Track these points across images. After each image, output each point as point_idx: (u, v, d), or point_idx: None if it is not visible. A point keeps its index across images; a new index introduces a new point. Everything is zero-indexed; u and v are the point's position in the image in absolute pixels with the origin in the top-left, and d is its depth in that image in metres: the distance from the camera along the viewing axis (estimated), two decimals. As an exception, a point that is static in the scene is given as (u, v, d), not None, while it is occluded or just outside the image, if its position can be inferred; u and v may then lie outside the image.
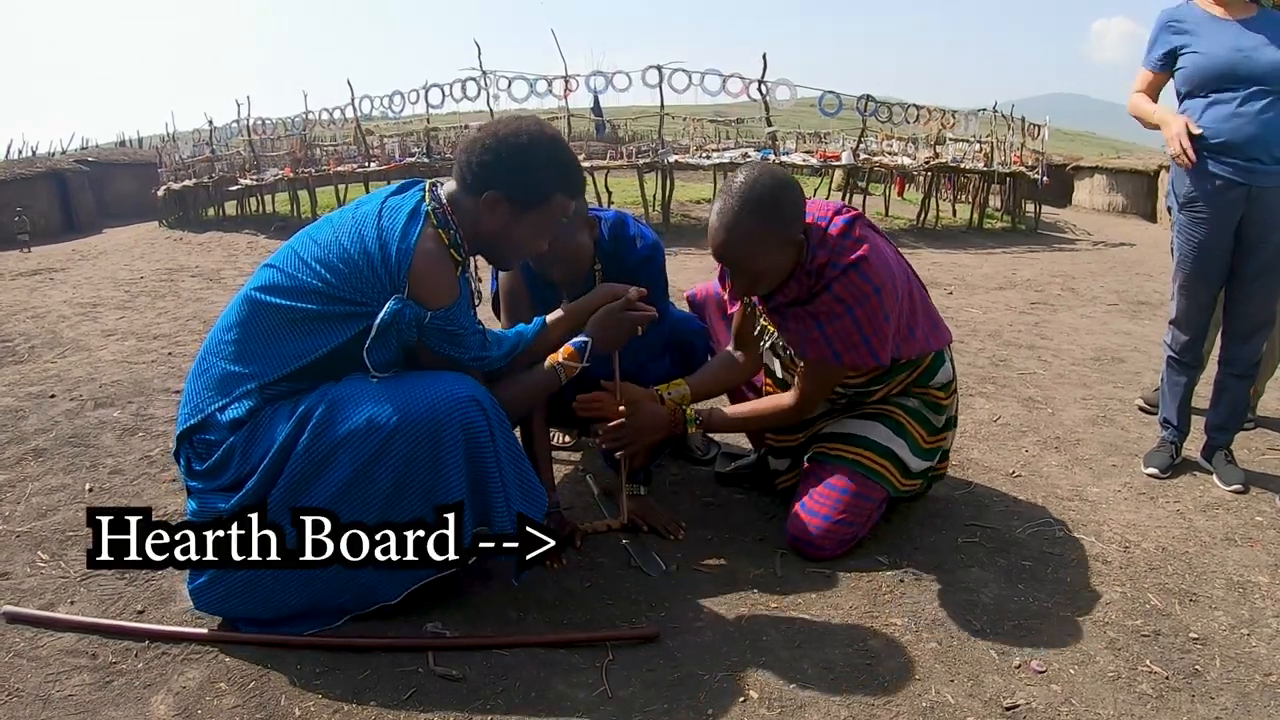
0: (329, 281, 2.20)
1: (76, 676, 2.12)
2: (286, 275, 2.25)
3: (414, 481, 2.16)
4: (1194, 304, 3.43)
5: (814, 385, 2.73)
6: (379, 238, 2.21)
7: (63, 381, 4.49)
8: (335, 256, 2.22)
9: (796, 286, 2.58)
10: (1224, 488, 3.37)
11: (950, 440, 3.03)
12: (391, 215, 2.26)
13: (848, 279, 2.50)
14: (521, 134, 2.29)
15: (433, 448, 2.15)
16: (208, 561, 2.18)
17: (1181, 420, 3.61)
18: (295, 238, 2.38)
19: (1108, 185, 18.22)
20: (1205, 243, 3.29)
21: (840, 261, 2.51)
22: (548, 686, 2.12)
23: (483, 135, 2.32)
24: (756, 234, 2.43)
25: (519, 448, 2.34)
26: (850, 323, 2.53)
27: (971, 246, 11.35)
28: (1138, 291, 8.17)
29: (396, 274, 2.19)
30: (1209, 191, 3.22)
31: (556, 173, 2.32)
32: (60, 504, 3.06)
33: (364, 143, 13.14)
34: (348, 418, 2.13)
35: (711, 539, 2.92)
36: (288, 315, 2.22)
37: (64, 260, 9.58)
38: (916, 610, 2.49)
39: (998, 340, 5.90)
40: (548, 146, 2.31)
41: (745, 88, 12.34)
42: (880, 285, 2.52)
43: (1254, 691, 2.17)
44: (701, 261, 8.98)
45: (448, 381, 2.20)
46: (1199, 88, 3.21)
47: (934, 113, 14.02)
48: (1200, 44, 3.22)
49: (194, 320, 6.13)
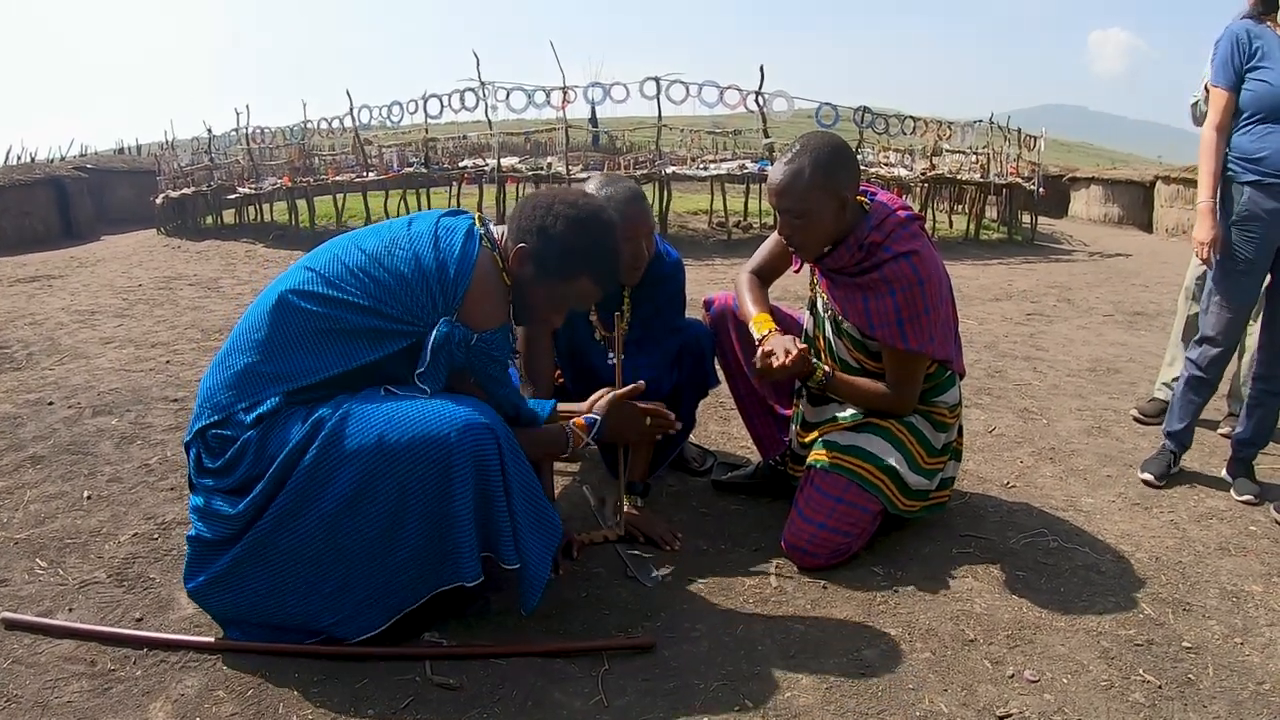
0: (374, 294, 2.21)
1: (75, 683, 2.13)
2: (326, 281, 2.24)
3: (419, 504, 2.15)
4: (1236, 319, 3.44)
5: (894, 374, 2.81)
6: (437, 257, 2.23)
7: (61, 389, 4.49)
8: (386, 271, 2.22)
9: (847, 255, 2.75)
10: (1237, 497, 3.42)
11: (952, 469, 3.05)
12: (449, 236, 2.28)
13: (898, 265, 2.68)
14: (578, 209, 2.33)
15: (442, 471, 2.13)
16: (212, 572, 2.21)
17: (1187, 438, 3.65)
18: (336, 242, 2.37)
19: (1104, 196, 18.24)
20: (1255, 259, 3.31)
21: (893, 247, 2.69)
22: (544, 695, 2.13)
23: (545, 195, 2.37)
24: (816, 177, 2.62)
25: (532, 479, 2.30)
26: (891, 304, 2.68)
27: (968, 257, 11.37)
28: (1134, 302, 8.19)
29: (453, 294, 2.21)
30: (1265, 211, 3.25)
31: (592, 257, 2.34)
32: (58, 511, 3.06)
33: (362, 152, 13.13)
34: (360, 432, 2.12)
35: (707, 549, 2.94)
36: (324, 322, 2.22)
37: (62, 267, 9.57)
38: (910, 620, 2.50)
39: (994, 351, 5.92)
40: (596, 231, 2.34)
41: (743, 99, 12.34)
42: (926, 279, 2.67)
43: (1247, 700, 2.19)
44: (699, 272, 8.99)
45: (465, 408, 2.18)
46: (1267, 114, 3.24)
47: (930, 124, 14.06)
48: (1272, 70, 3.22)
49: (192, 329, 6.13)
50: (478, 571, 2.22)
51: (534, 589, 2.28)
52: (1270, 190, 3.22)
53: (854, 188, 2.70)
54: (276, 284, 2.32)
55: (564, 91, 12.18)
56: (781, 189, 2.67)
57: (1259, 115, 3.25)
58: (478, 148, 13.18)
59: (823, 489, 2.81)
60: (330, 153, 13.75)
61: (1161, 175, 16.67)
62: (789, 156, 2.67)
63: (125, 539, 2.88)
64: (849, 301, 2.79)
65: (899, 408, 2.86)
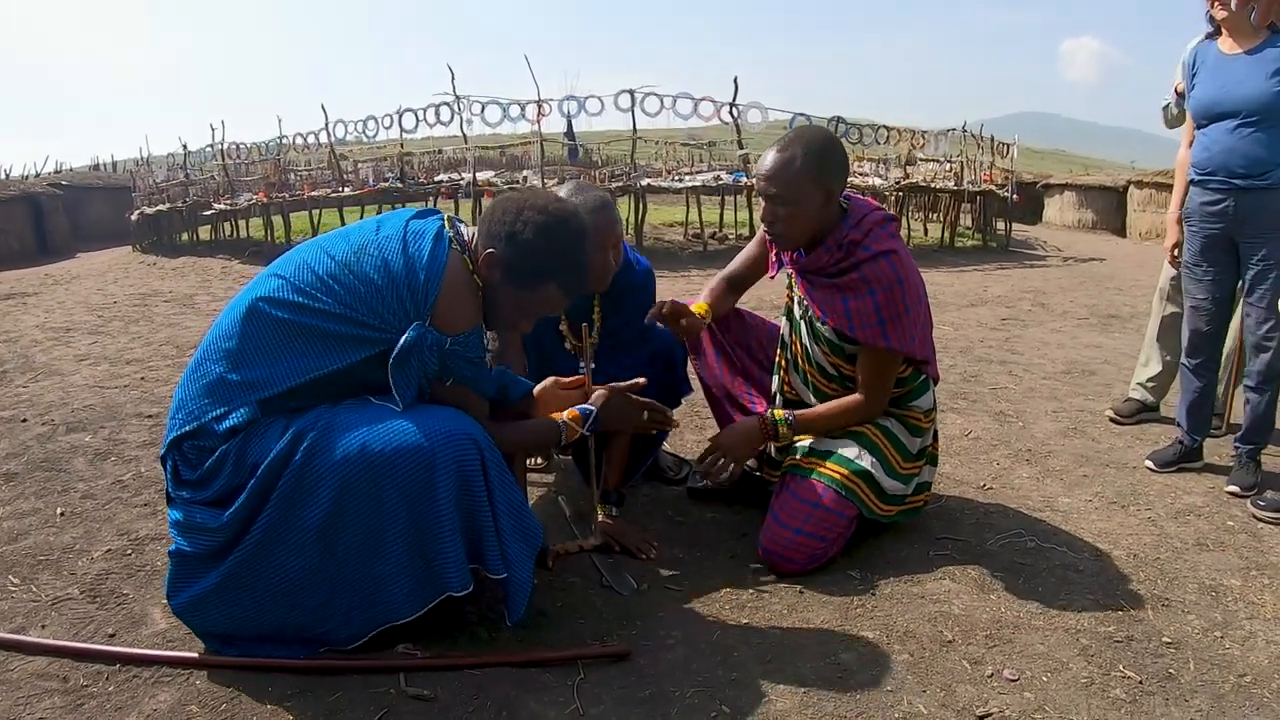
0: (344, 301, 2.18)
1: (47, 699, 2.10)
2: (295, 289, 2.21)
3: (403, 514, 2.13)
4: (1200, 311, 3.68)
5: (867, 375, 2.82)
6: (405, 262, 2.20)
7: (34, 406, 4.45)
8: (355, 276, 2.20)
9: (826, 255, 2.75)
10: (1225, 487, 3.51)
11: (928, 474, 3.05)
12: (417, 240, 2.24)
13: (877, 265, 2.69)
14: (547, 214, 2.28)
15: (425, 482, 2.12)
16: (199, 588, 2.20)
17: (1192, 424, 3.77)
18: (304, 247, 2.34)
19: (1077, 202, 18.39)
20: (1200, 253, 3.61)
21: (872, 246, 2.70)
22: (520, 705, 2.11)
23: (515, 199, 2.32)
24: (808, 166, 2.63)
25: (514, 486, 2.30)
26: (871, 304, 2.69)
27: (943, 265, 11.43)
28: (1108, 306, 8.25)
29: (424, 300, 2.18)
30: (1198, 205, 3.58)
31: (560, 265, 2.30)
32: (31, 528, 3.03)
33: (338, 167, 13.11)
34: (343, 443, 2.10)
35: (683, 557, 2.93)
36: (294, 330, 2.19)
37: (37, 284, 9.50)
38: (888, 623, 2.50)
39: (969, 356, 5.94)
40: (565, 238, 2.29)
41: (717, 111, 12.39)
42: (904, 279, 2.69)
43: (1229, 693, 2.20)
44: (675, 284, 9.01)
45: (446, 418, 2.18)
46: (1199, 121, 3.56)
47: (904, 133, 14.15)
48: (1200, 84, 3.54)
49: (167, 345, 6.09)
50: (467, 580, 2.21)
51: (520, 598, 2.27)
52: (1202, 186, 3.55)
53: (842, 184, 2.72)
54: (247, 291, 2.29)
55: (539, 105, 12.20)
56: (771, 174, 2.67)
57: (1197, 123, 3.59)
58: (453, 162, 13.18)
59: (799, 495, 2.80)
60: (306, 168, 13.71)
61: (1134, 180, 16.84)
62: (782, 144, 2.68)
63: (98, 555, 2.85)
64: (828, 304, 2.78)
65: (871, 412, 2.86)
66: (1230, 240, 3.50)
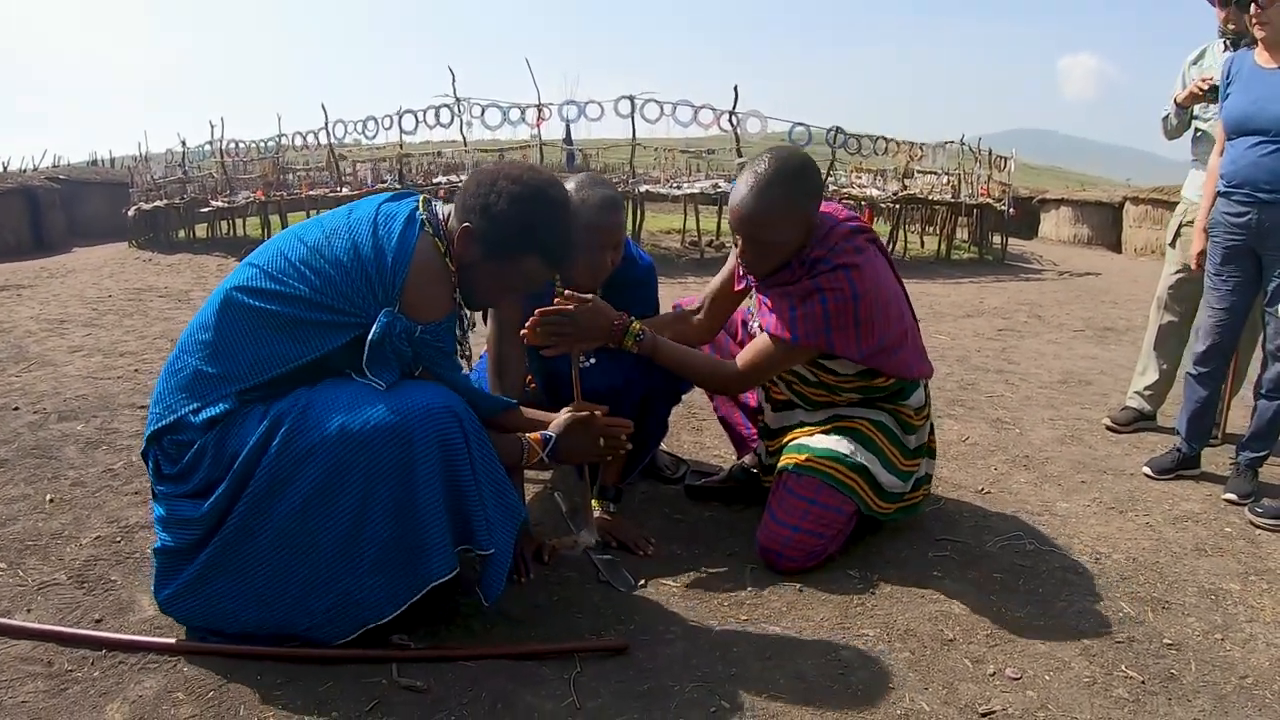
0: (316, 287, 2.14)
1: (31, 683, 2.06)
2: (269, 276, 2.17)
3: (386, 494, 2.08)
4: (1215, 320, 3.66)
5: (762, 360, 2.71)
6: (374, 245, 2.15)
7: (27, 395, 4.40)
8: (326, 261, 2.15)
9: (788, 274, 2.65)
10: (1223, 495, 3.49)
11: (926, 469, 3.02)
12: (387, 222, 2.20)
13: (834, 276, 2.57)
14: (522, 184, 2.21)
15: (405, 459, 2.07)
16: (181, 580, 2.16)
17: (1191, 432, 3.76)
18: (281, 236, 2.31)
19: (1073, 217, 18.43)
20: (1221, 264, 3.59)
21: (833, 260, 2.58)
22: (515, 698, 2.08)
23: (489, 171, 2.27)
24: (781, 204, 2.51)
25: (496, 460, 2.25)
26: (820, 310, 2.58)
27: (940, 277, 11.44)
28: (1104, 318, 8.25)
29: (391, 284, 2.13)
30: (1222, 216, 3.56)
31: (539, 236, 2.24)
32: (20, 514, 2.99)
33: (337, 167, 13.09)
34: (320, 424, 2.06)
35: (681, 554, 2.90)
36: (268, 319, 2.15)
37: (32, 277, 9.44)
38: (888, 621, 2.47)
39: (966, 365, 5.93)
40: (542, 207, 2.22)
41: (716, 119, 12.39)
42: (861, 295, 2.56)
43: (1231, 694, 2.18)
44: (672, 290, 8.98)
45: (425, 392, 2.13)
46: (1231, 133, 3.53)
47: (903, 145, 14.16)
48: (1234, 95, 3.52)
49: (161, 339, 6.05)
50: (452, 563, 2.17)
51: (499, 574, 2.23)
52: (1227, 198, 3.53)
53: (817, 207, 2.62)
54: (224, 282, 2.26)
55: (539, 109, 12.18)
56: (750, 218, 2.54)
57: (1228, 135, 3.56)
58: (452, 165, 13.15)
59: (795, 491, 2.77)
60: (304, 167, 13.68)
61: (1130, 196, 16.88)
62: (757, 181, 2.52)
63: (87, 542, 2.81)
64: (778, 310, 2.68)
65: (730, 387, 2.85)
66: (1253, 252, 3.49)
